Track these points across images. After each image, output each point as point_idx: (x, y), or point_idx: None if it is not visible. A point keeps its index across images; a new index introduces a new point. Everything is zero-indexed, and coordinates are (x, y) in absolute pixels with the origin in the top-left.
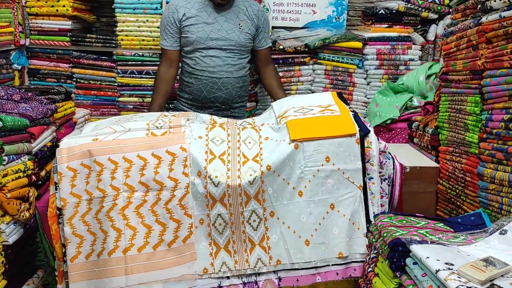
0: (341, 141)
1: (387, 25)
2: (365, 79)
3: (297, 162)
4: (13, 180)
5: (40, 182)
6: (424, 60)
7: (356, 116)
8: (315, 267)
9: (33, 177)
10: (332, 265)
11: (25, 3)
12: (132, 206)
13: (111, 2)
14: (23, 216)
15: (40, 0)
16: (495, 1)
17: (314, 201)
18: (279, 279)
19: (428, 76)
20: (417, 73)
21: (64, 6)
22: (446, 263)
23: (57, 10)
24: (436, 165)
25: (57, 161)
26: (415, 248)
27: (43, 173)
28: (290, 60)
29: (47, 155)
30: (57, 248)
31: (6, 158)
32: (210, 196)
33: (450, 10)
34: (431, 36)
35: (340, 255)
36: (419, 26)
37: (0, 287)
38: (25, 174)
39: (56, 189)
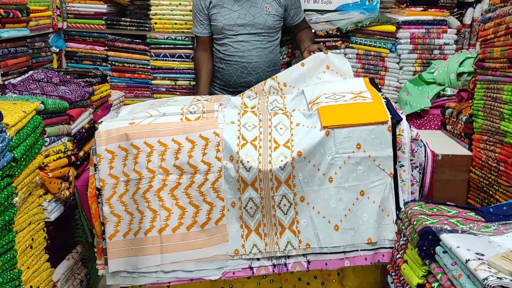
0: (372, 128)
1: (422, 8)
2: (398, 63)
3: (327, 149)
4: (54, 160)
5: (78, 162)
6: (459, 44)
7: (388, 103)
8: (344, 252)
9: (73, 157)
10: (361, 250)
11: None
12: (167, 188)
13: None
14: (63, 195)
15: None
16: None
17: (344, 188)
18: (308, 262)
19: (460, 74)
20: (448, 69)
21: None
22: (477, 253)
23: None
24: (469, 153)
25: (96, 144)
26: (445, 237)
27: (81, 153)
28: (321, 43)
29: (85, 136)
30: (97, 226)
31: (47, 139)
32: (242, 180)
33: None
34: (467, 20)
35: (369, 241)
36: (456, 10)
37: (42, 261)
38: (65, 155)
39: (95, 170)
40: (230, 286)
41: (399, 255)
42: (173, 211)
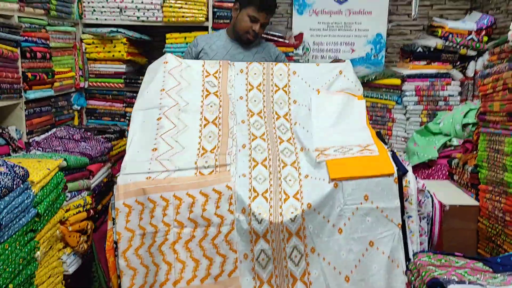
0: (379, 181)
1: (425, 62)
2: (405, 114)
3: (336, 200)
4: (74, 214)
5: (97, 216)
6: (464, 96)
7: (394, 155)
8: None
9: (91, 211)
10: None
11: (85, 49)
12: (182, 241)
13: (162, 46)
14: (82, 248)
15: (99, 46)
16: None
17: (353, 238)
18: None
19: (465, 125)
20: (454, 120)
21: (119, 51)
22: None
23: (113, 56)
24: (476, 203)
25: (114, 198)
26: None
27: (99, 207)
28: None
29: (103, 190)
30: (113, 279)
31: (68, 194)
32: (254, 232)
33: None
34: (470, 73)
35: None
36: (458, 63)
37: None
38: (84, 209)
39: (113, 224)
40: None
41: None
42: (187, 263)
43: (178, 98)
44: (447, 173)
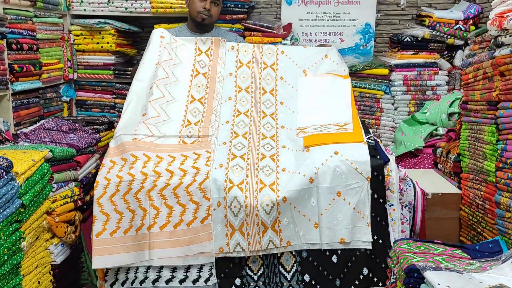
0: (349, 144)
1: (413, 52)
2: (393, 104)
3: (309, 159)
4: (61, 205)
5: (85, 207)
6: (451, 85)
7: (376, 144)
8: None
9: (79, 202)
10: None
11: (73, 41)
12: (157, 188)
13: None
14: (69, 238)
15: (87, 37)
16: (505, 37)
17: (322, 187)
18: None
19: (451, 114)
20: (440, 109)
21: (108, 42)
22: None
23: (102, 47)
24: (458, 191)
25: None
26: (428, 275)
27: (87, 198)
28: None
29: (91, 181)
30: (99, 269)
31: (55, 185)
32: (229, 181)
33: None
34: (457, 62)
35: (342, 241)
36: (446, 52)
37: None
38: (71, 200)
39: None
40: None
41: None
42: (161, 210)
43: (170, 72)
44: (432, 162)
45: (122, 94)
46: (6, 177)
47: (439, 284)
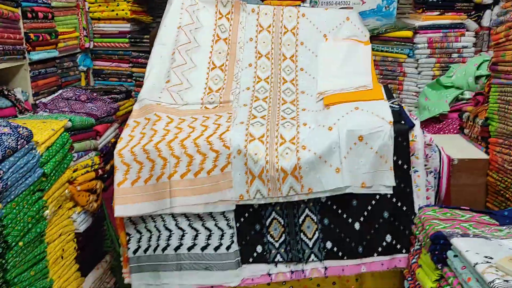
0: (370, 102)
1: (438, 13)
2: (416, 68)
3: (329, 115)
4: (82, 174)
5: (106, 176)
6: (478, 47)
7: (401, 109)
8: (360, 257)
9: (100, 171)
10: (377, 255)
11: (88, 9)
12: (177, 140)
13: (166, 2)
14: (91, 207)
15: (102, 5)
16: None
17: (343, 132)
18: (325, 268)
19: (478, 77)
20: (466, 72)
21: (123, 10)
22: (486, 257)
23: (117, 14)
24: (485, 157)
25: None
26: (455, 241)
27: (108, 167)
28: None
29: (111, 150)
30: (122, 236)
31: (75, 155)
32: (250, 135)
33: None
34: (485, 22)
35: (363, 185)
36: (473, 12)
37: (72, 270)
38: (92, 169)
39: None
40: None
41: (414, 260)
42: (181, 158)
43: (192, 37)
44: (458, 127)
45: (138, 62)
46: (27, 146)
47: (467, 250)
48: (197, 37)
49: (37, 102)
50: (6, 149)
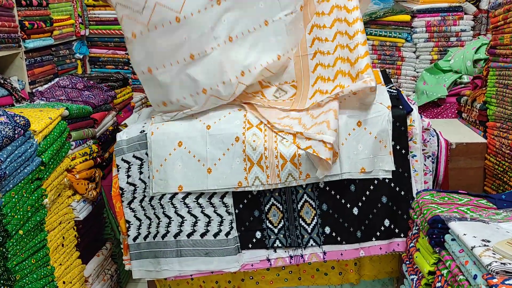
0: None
1: None
2: (414, 52)
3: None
4: (80, 162)
5: (104, 163)
6: (477, 30)
7: (399, 94)
8: (358, 242)
9: (98, 159)
10: (376, 240)
11: None
12: None
13: None
14: (91, 195)
15: None
16: None
17: (341, 118)
18: (324, 253)
19: (476, 61)
20: (464, 56)
21: None
22: (483, 240)
23: None
24: (483, 140)
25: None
26: (453, 225)
27: (106, 155)
28: None
29: (109, 138)
30: (122, 223)
31: (73, 143)
32: (248, 122)
33: None
34: (484, 5)
35: (362, 170)
36: None
37: (73, 258)
38: (91, 157)
39: (117, 171)
40: (251, 277)
41: (412, 244)
42: None
43: None
44: (456, 111)
45: None
46: (24, 135)
47: (464, 234)
48: None
49: (34, 90)
50: (3, 138)
